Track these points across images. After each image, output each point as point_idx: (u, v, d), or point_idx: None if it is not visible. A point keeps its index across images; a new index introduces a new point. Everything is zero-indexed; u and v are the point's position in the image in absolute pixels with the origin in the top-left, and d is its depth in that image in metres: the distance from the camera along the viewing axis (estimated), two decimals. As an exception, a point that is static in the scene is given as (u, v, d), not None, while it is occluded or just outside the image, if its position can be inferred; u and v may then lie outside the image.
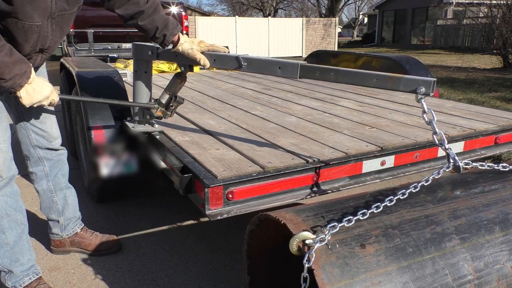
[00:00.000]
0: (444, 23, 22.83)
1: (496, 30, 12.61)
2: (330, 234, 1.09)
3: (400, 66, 3.51)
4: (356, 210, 1.19)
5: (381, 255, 1.09)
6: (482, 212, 1.28)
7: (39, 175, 2.03)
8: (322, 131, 2.17)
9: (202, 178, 1.51)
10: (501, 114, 2.58)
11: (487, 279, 1.16)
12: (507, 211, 1.30)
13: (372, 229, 1.15)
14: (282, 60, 1.71)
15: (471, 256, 1.17)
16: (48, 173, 2.04)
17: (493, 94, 7.05)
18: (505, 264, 1.20)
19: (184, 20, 7.29)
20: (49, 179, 2.05)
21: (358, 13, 42.18)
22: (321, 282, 1.00)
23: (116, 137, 2.32)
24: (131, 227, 2.54)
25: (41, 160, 2.00)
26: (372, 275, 1.05)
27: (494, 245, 1.21)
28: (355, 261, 1.06)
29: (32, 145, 1.95)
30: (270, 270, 1.45)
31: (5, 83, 1.48)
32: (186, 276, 2.06)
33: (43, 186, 2.05)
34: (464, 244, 1.18)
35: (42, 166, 2.01)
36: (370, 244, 1.10)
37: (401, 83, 1.51)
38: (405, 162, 1.94)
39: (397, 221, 1.19)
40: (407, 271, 1.08)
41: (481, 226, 1.23)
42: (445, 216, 1.23)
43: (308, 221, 1.15)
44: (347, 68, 1.62)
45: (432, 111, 1.42)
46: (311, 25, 19.88)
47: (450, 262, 1.13)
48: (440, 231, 1.18)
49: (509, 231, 1.25)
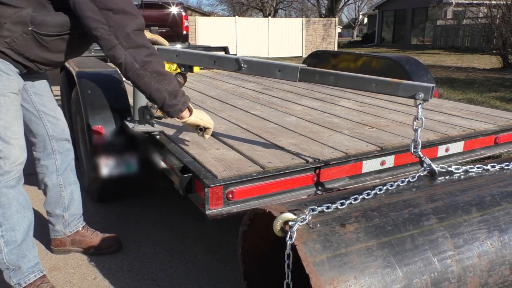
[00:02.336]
0: (444, 23, 22.83)
1: (496, 30, 12.61)
2: (311, 215, 1.15)
3: (400, 66, 3.51)
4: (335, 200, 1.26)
5: (361, 233, 1.14)
6: (459, 196, 1.32)
7: (50, 168, 2.03)
8: (322, 131, 2.17)
9: (202, 178, 1.52)
10: (500, 114, 2.59)
11: (467, 255, 1.19)
12: (483, 195, 1.34)
13: (351, 212, 1.21)
14: (282, 63, 1.71)
15: (449, 233, 1.20)
16: (59, 167, 2.04)
17: (492, 94, 7.06)
18: (484, 241, 1.23)
19: (184, 20, 7.29)
20: (59, 173, 2.05)
21: (358, 13, 42.18)
22: (303, 255, 1.04)
23: (116, 137, 2.33)
24: (131, 227, 2.54)
25: (54, 153, 2.01)
26: (353, 249, 1.10)
27: (471, 224, 1.24)
28: (336, 237, 1.11)
29: (48, 136, 1.96)
30: (266, 271, 1.45)
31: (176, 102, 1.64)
32: (186, 276, 2.06)
33: (53, 180, 2.05)
34: (442, 223, 1.22)
35: (54, 159, 2.02)
36: (350, 224, 1.16)
37: (400, 89, 1.52)
38: (405, 162, 1.94)
39: (376, 205, 1.25)
40: (387, 246, 1.13)
41: (457, 207, 1.27)
42: (422, 200, 1.28)
43: (291, 208, 1.21)
44: (347, 73, 1.63)
45: (423, 120, 1.48)
46: (311, 25, 19.89)
47: (429, 239, 1.17)
48: (418, 212, 1.23)
49: (485, 211, 1.28)
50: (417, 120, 1.47)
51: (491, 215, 1.28)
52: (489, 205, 1.30)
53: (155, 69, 1.59)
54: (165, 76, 1.62)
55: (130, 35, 1.53)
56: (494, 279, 1.22)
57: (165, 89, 1.61)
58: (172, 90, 1.63)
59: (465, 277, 1.17)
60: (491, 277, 1.22)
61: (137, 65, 1.55)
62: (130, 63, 1.55)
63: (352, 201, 1.25)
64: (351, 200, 1.25)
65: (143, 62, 1.56)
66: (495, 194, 1.34)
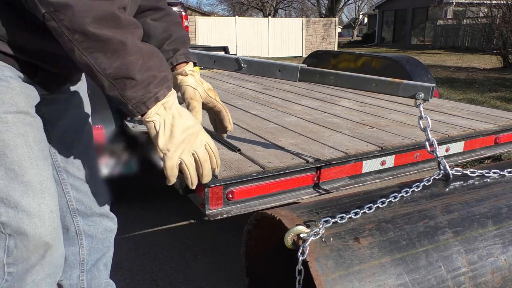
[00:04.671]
0: (444, 23, 22.84)
1: (496, 30, 12.61)
2: (324, 228, 1.11)
3: (400, 66, 3.51)
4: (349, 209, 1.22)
5: (375, 248, 1.11)
6: (475, 207, 1.30)
7: (70, 260, 1.28)
8: (322, 131, 2.17)
9: (202, 178, 1.51)
10: (501, 114, 2.58)
11: (481, 272, 1.18)
12: (499, 205, 1.32)
13: (365, 223, 1.17)
14: (282, 62, 1.71)
15: (464, 249, 1.18)
16: (85, 260, 1.30)
17: (493, 94, 7.06)
18: (498, 257, 1.21)
19: (184, 20, 7.29)
20: (83, 269, 1.30)
21: (358, 13, 42.21)
22: (315, 273, 1.02)
23: (116, 137, 2.33)
24: (131, 227, 2.54)
25: (79, 237, 1.28)
26: (366, 266, 1.07)
27: (487, 238, 1.22)
28: (349, 253, 1.08)
29: (70, 210, 1.24)
30: (269, 271, 1.45)
31: (133, 89, 0.86)
32: (186, 276, 2.06)
33: (72, 279, 1.27)
34: (457, 237, 1.19)
35: (78, 246, 1.28)
36: (363, 238, 1.12)
37: (400, 88, 1.52)
38: (405, 162, 1.94)
39: (390, 215, 1.21)
40: (401, 263, 1.10)
41: (473, 220, 1.25)
42: (438, 211, 1.25)
43: (303, 217, 1.18)
44: (347, 72, 1.63)
45: (428, 118, 1.45)
46: (311, 25, 19.90)
47: (443, 255, 1.15)
48: (433, 224, 1.20)
49: (502, 224, 1.26)
50: (422, 119, 1.46)
51: (506, 228, 1.25)
52: (506, 217, 1.28)
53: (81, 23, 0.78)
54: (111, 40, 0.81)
55: None
56: None
57: (102, 67, 0.82)
58: (120, 67, 0.83)
59: None
60: None
61: (43, 8, 0.77)
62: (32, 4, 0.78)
63: (367, 211, 1.20)
64: (365, 210, 1.20)
65: (59, 5, 0.76)
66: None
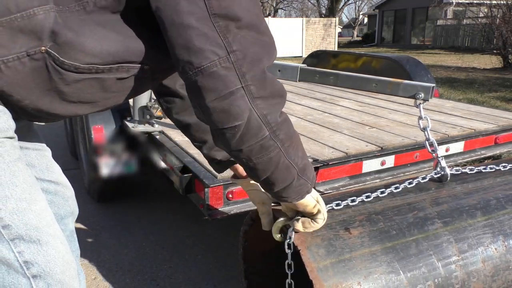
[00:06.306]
0: (444, 23, 22.82)
1: (496, 30, 12.60)
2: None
3: (400, 66, 3.51)
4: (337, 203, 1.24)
5: (365, 237, 1.13)
6: (464, 199, 1.32)
7: None
8: (322, 131, 2.17)
9: (202, 178, 1.51)
10: (501, 114, 2.59)
11: (472, 260, 1.19)
12: (488, 198, 1.33)
13: (356, 215, 1.19)
14: (282, 62, 1.71)
15: (454, 238, 1.20)
16: None
17: (493, 94, 7.05)
18: (489, 246, 1.22)
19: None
20: None
21: (358, 13, 42.17)
22: (307, 261, 1.04)
23: (116, 137, 2.33)
24: (131, 227, 2.54)
25: None
26: (357, 254, 1.09)
27: (476, 228, 1.24)
28: (340, 242, 1.10)
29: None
30: (267, 271, 1.45)
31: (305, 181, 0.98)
32: (186, 276, 2.06)
33: None
34: (446, 227, 1.21)
35: None
36: (354, 228, 1.15)
37: (400, 88, 1.52)
38: (405, 162, 1.94)
39: (380, 208, 1.23)
40: (391, 251, 1.12)
41: (462, 211, 1.27)
42: (427, 203, 1.27)
43: None
44: (347, 72, 1.63)
45: (428, 118, 1.45)
46: (311, 25, 19.89)
47: (433, 243, 1.17)
48: (423, 216, 1.22)
49: (491, 215, 1.28)
50: (422, 119, 1.47)
51: (496, 219, 1.27)
52: (494, 209, 1.29)
53: (289, 134, 0.90)
54: (293, 138, 0.93)
55: (265, 75, 0.84)
56: (498, 284, 1.22)
57: (296, 164, 0.93)
58: (302, 163, 0.96)
59: (469, 283, 1.17)
60: (495, 282, 1.21)
61: (267, 131, 0.85)
62: (256, 127, 0.83)
63: (349, 203, 1.22)
64: (355, 203, 1.22)
65: (277, 125, 0.86)
66: (500, 198, 1.33)
